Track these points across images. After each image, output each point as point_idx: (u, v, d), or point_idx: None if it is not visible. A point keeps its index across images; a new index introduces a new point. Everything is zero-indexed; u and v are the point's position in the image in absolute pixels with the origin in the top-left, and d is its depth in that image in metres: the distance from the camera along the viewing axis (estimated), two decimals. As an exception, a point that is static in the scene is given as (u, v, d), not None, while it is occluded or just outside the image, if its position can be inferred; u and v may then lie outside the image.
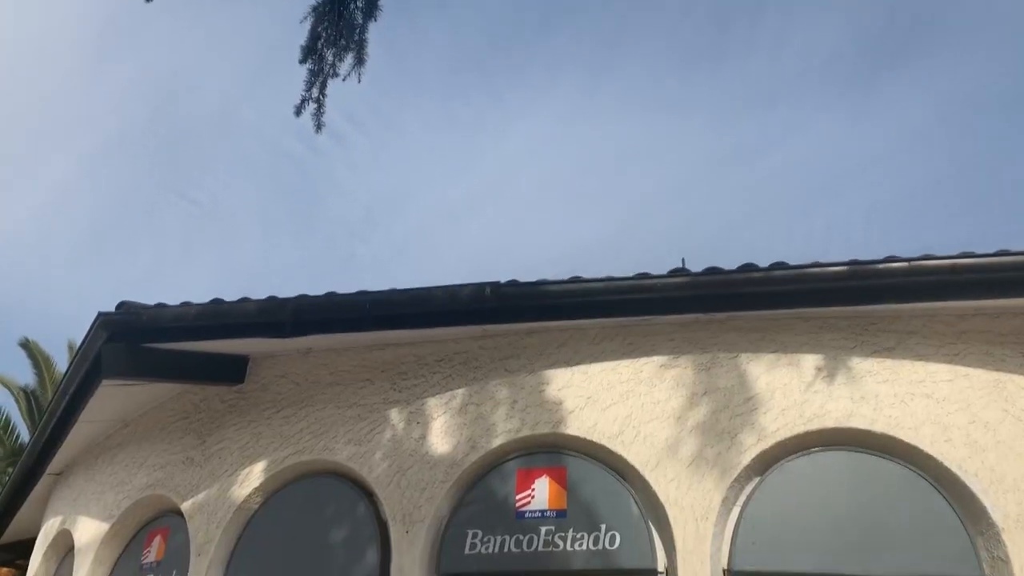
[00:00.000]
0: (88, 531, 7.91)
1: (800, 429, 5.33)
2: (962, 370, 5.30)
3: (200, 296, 6.44)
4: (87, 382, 7.02)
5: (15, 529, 10.53)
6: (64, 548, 8.62)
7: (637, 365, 5.85)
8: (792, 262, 5.47)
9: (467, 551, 5.70)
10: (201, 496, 6.90)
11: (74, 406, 7.49)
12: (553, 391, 5.96)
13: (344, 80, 5.59)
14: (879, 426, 5.24)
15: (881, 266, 5.20)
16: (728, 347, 5.70)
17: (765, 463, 5.38)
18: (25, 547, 10.12)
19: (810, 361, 5.52)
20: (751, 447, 5.36)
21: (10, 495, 9.76)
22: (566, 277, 5.90)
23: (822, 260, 5.38)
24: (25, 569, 9.83)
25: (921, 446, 5.13)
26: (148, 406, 7.86)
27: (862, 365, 5.44)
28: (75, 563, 7.86)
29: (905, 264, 5.16)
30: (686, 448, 5.46)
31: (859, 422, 5.27)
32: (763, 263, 5.53)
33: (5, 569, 12.96)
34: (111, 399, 7.37)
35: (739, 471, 5.32)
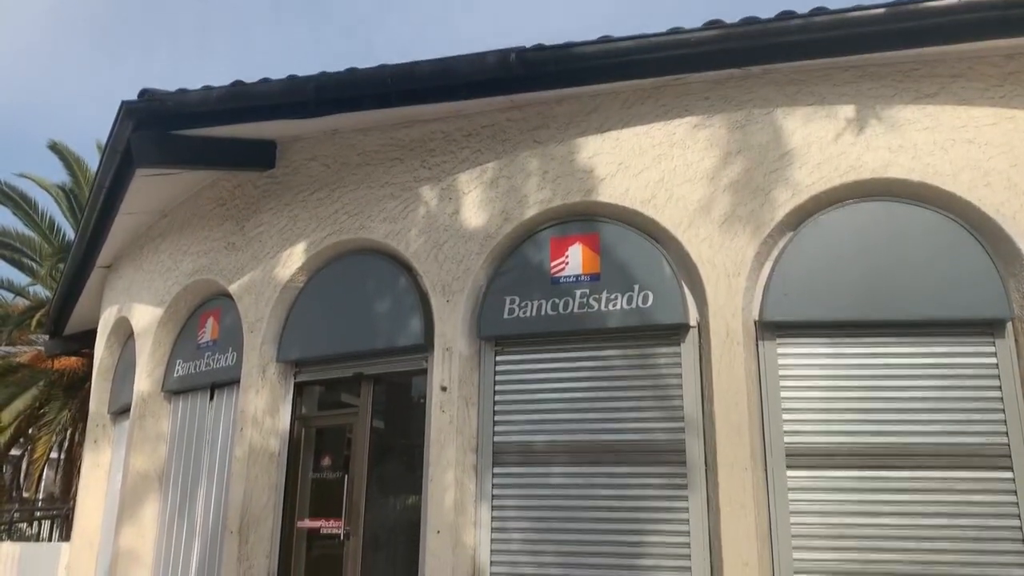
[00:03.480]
0: (144, 317, 8.33)
1: (835, 182, 5.28)
2: (1007, 113, 5.13)
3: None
4: (121, 173, 7.09)
5: (76, 321, 11.13)
6: (124, 334, 9.14)
7: (670, 127, 5.74)
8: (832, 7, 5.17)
9: (506, 316, 5.93)
10: (247, 278, 7.15)
11: (112, 198, 7.63)
12: (584, 159, 5.90)
13: None
14: (916, 175, 5.17)
15: (928, 4, 4.89)
16: (764, 102, 5.53)
17: (799, 218, 5.39)
18: (89, 337, 10.73)
19: (848, 112, 5.36)
20: (785, 203, 5.34)
21: (66, 289, 10.21)
22: (594, 38, 5.65)
23: (864, 3, 5.08)
24: (91, 357, 10.49)
25: (959, 192, 5.08)
26: (184, 195, 7.98)
27: (902, 113, 5.28)
28: (137, 346, 8.35)
29: (954, 1, 4.84)
30: (719, 207, 5.47)
31: (896, 172, 5.20)
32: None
33: (73, 358, 13.85)
34: (147, 190, 7.48)
35: (772, 227, 5.34)
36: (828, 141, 5.35)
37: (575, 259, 5.88)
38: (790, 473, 5.13)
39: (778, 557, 4.99)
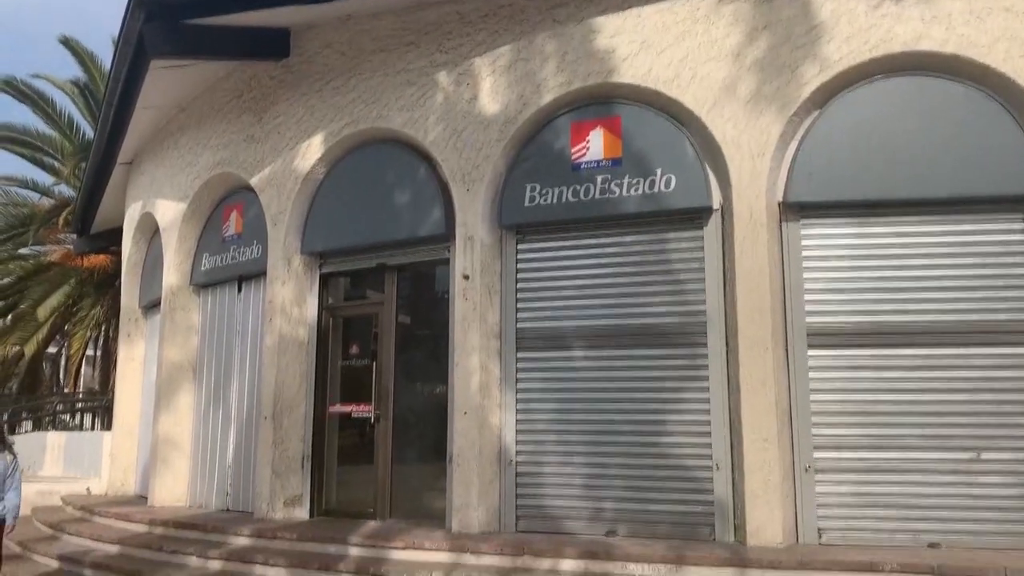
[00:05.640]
0: (168, 212, 8.39)
1: (864, 57, 5.10)
2: (1050, -23, 4.88)
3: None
4: (136, 66, 6.99)
5: (102, 219, 11.23)
6: (150, 230, 9.23)
7: (694, 2, 5.53)
8: None
9: (526, 203, 5.91)
10: (267, 171, 7.14)
11: (128, 92, 7.56)
12: (604, 39, 5.73)
13: None
14: (950, 47, 4.98)
15: None
16: (791, -27, 5.30)
17: (826, 95, 5.24)
18: (115, 234, 10.83)
19: (881, -19, 5.13)
20: (811, 80, 5.19)
21: (89, 187, 10.26)
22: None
23: None
24: (119, 254, 10.63)
25: (993, 64, 4.90)
26: (200, 88, 7.89)
27: (938, -19, 5.04)
28: (163, 241, 8.45)
29: None
30: (744, 86, 5.32)
31: (928, 44, 5.01)
32: None
33: (102, 255, 14.04)
34: (163, 82, 7.39)
35: (798, 105, 5.21)
36: (858, 13, 5.14)
37: (596, 144, 5.80)
38: (811, 352, 5.18)
39: (797, 433, 5.11)
